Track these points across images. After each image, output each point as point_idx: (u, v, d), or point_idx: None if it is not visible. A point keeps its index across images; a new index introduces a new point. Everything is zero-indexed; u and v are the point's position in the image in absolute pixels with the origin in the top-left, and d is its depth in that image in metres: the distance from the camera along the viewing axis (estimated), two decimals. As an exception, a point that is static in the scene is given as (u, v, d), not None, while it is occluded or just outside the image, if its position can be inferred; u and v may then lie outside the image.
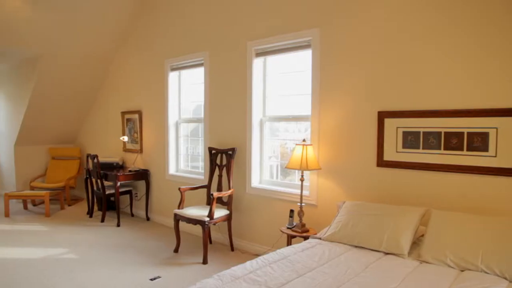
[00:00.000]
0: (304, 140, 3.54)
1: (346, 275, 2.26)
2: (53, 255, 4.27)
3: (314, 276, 2.24)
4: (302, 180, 3.56)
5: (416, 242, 2.76)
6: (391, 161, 3.26)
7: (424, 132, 3.08)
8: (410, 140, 3.16)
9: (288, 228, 3.66)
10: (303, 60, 4.01)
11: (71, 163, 7.25)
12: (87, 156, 5.82)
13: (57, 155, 7.36)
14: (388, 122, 3.27)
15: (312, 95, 3.74)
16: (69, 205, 6.79)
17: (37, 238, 4.89)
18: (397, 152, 3.23)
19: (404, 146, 3.20)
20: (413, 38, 3.09)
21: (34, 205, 6.79)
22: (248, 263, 2.41)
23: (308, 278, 2.21)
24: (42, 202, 6.83)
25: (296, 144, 3.56)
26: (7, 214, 6.01)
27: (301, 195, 3.59)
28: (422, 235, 2.77)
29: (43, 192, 6.08)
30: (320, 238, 3.02)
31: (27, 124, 6.75)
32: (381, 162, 3.32)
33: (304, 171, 3.56)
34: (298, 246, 2.80)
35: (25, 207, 6.54)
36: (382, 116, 3.30)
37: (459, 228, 2.52)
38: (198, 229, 4.82)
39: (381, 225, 2.77)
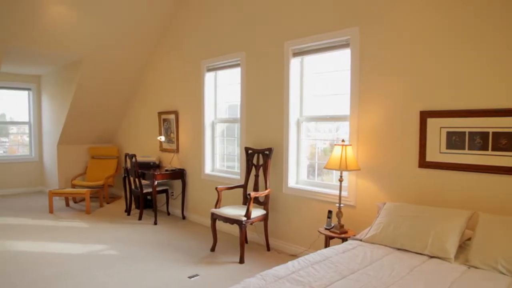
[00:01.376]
0: (343, 141, 3.50)
1: (391, 277, 2.22)
2: (95, 251, 4.42)
3: (357, 278, 2.21)
4: (341, 180, 3.52)
5: (462, 246, 2.67)
6: (434, 162, 3.17)
7: (470, 132, 2.97)
8: (455, 140, 3.06)
9: (326, 229, 3.62)
10: (340, 59, 3.96)
11: (110, 162, 7.48)
12: (126, 156, 5.98)
13: (96, 154, 7.61)
14: (431, 122, 3.18)
15: (351, 95, 3.69)
16: (108, 203, 7.00)
17: (79, 234, 5.07)
18: (440, 153, 3.14)
19: (448, 147, 3.10)
20: (457, 36, 2.99)
21: (75, 202, 7.05)
22: (290, 263, 2.41)
23: (352, 280, 2.19)
24: (82, 200, 7.08)
25: (335, 144, 3.53)
26: (51, 211, 6.28)
27: (340, 196, 3.55)
28: (469, 239, 2.68)
29: (84, 190, 6.30)
30: (360, 240, 2.98)
31: (69, 124, 7.02)
32: (423, 163, 3.23)
33: (342, 172, 3.51)
34: (339, 248, 2.77)
35: (67, 204, 6.80)
36: (424, 116, 3.21)
37: (511, 233, 2.41)
38: (234, 229, 4.86)
39: (425, 228, 2.70)
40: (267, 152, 4.40)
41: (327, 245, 3.63)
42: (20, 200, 7.34)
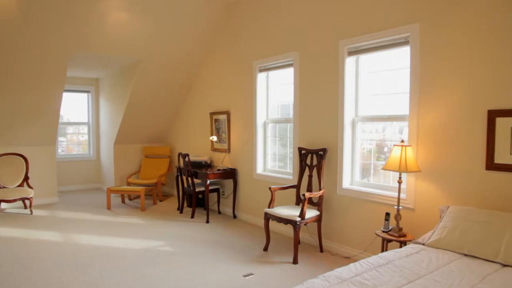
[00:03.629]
0: (402, 141, 3.39)
1: (461, 285, 2.12)
2: (152, 246, 4.58)
3: (425, 283, 2.13)
4: (400, 182, 3.41)
5: (538, 255, 2.49)
6: (504, 164, 2.99)
7: (545, 133, 2.78)
8: (527, 141, 2.87)
9: (383, 231, 3.53)
10: (398, 57, 3.85)
11: (162, 161, 7.73)
12: (179, 155, 6.15)
13: (149, 153, 7.89)
14: (500, 121, 3.00)
15: (411, 94, 3.57)
16: (161, 201, 7.23)
17: (136, 230, 5.27)
18: (511, 154, 2.96)
19: (519, 148, 2.92)
20: (533, 29, 2.81)
21: (130, 199, 7.34)
22: (352, 265, 2.37)
23: (419, 285, 2.11)
24: (137, 197, 7.37)
25: (394, 145, 3.42)
26: (108, 207, 6.59)
27: (398, 198, 3.44)
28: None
29: (139, 188, 6.55)
30: (423, 244, 2.87)
31: (124, 125, 7.34)
32: (491, 165, 3.06)
33: (396, 173, 3.40)
34: (402, 251, 2.69)
35: (123, 201, 7.10)
36: (493, 115, 3.04)
37: None
38: (286, 229, 4.86)
39: (496, 234, 2.55)
40: (321, 153, 4.36)
41: (383, 248, 3.54)
42: (80, 196, 7.76)
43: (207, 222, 5.64)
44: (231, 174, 5.82)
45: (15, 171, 6.49)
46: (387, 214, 3.56)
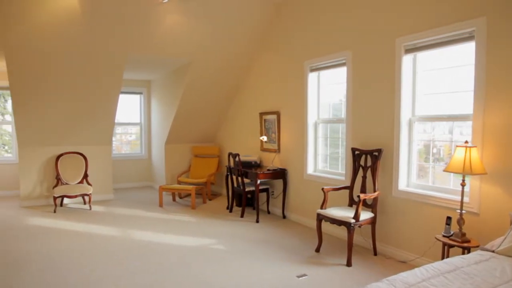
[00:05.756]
0: (466, 142, 3.23)
1: (541, 296, 1.98)
2: (204, 244, 4.67)
3: (499, 293, 2.01)
4: (463, 185, 3.25)
5: None
6: None
7: None
8: None
9: (444, 236, 3.38)
10: (458, 54, 3.67)
11: (211, 161, 7.86)
12: (229, 155, 6.22)
13: (199, 153, 8.05)
14: None
15: (476, 92, 3.38)
16: (210, 200, 7.36)
17: (188, 228, 5.40)
18: None
19: None
20: None
21: (180, 197, 7.54)
22: (417, 270, 2.28)
23: (493, 294, 2.00)
24: (187, 196, 7.55)
25: (457, 146, 3.27)
26: (160, 204, 6.80)
27: (462, 202, 3.28)
28: None
29: (190, 187, 6.71)
30: (492, 251, 2.71)
31: (175, 125, 7.54)
32: None
33: (465, 176, 3.24)
34: (469, 258, 2.55)
35: (173, 199, 7.30)
36: None
37: None
38: (337, 230, 4.79)
39: None
40: (376, 153, 4.25)
41: (444, 253, 3.39)
42: (133, 194, 8.07)
43: (257, 221, 5.67)
44: (281, 174, 5.81)
45: (76, 168, 6.87)
46: (449, 218, 3.41)
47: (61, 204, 6.72)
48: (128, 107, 8.99)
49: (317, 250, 4.37)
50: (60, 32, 5.24)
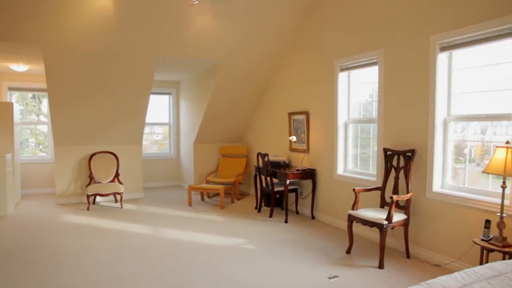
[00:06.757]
0: (507, 142, 3.12)
1: None
2: (234, 244, 4.69)
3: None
4: (504, 187, 3.14)
5: None
6: None
7: None
8: None
9: (483, 240, 3.27)
10: (497, 50, 3.54)
11: (239, 161, 7.90)
12: (258, 155, 6.23)
13: (227, 153, 8.10)
14: None
15: (517, 90, 3.27)
16: (238, 199, 7.39)
17: (217, 227, 5.44)
18: None
19: None
20: None
21: (209, 197, 7.60)
22: (457, 275, 2.22)
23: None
24: (215, 195, 7.61)
25: (497, 147, 3.16)
26: (190, 204, 6.88)
27: (502, 204, 3.17)
28: None
29: (218, 186, 6.76)
30: (536, 256, 2.60)
31: (204, 125, 7.63)
32: None
33: (506, 178, 3.13)
34: (513, 263, 2.46)
35: (202, 198, 7.37)
36: None
37: None
38: (368, 232, 4.73)
39: None
40: (409, 154, 4.16)
41: (483, 258, 3.28)
42: (162, 193, 8.21)
43: (286, 222, 5.66)
44: (310, 174, 5.78)
45: (108, 168, 7.04)
46: (488, 222, 3.30)
47: (94, 202, 6.91)
48: (157, 108, 9.14)
49: (348, 251, 4.32)
50: (95, 34, 5.40)
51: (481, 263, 3.26)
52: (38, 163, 8.14)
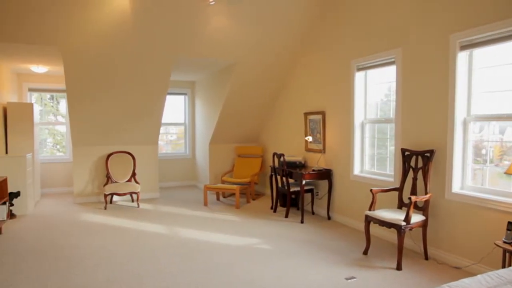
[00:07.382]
0: (530, 142, 3.05)
1: None
2: (250, 244, 4.69)
3: None
4: (526, 188, 3.07)
5: None
6: None
7: None
8: None
9: (505, 242, 3.21)
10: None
11: (255, 161, 7.90)
12: (273, 155, 6.23)
13: (242, 153, 8.12)
14: None
15: (540, 90, 3.19)
16: (253, 199, 7.40)
17: (233, 227, 5.45)
18: None
19: None
20: None
21: (224, 197, 7.63)
22: (480, 277, 2.18)
23: None
24: (230, 195, 7.63)
25: (520, 147, 3.09)
26: (205, 203, 6.92)
27: (525, 206, 3.10)
28: None
29: (234, 186, 6.78)
30: (561, 259, 2.54)
31: (220, 125, 7.66)
32: None
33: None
34: (537, 266, 2.40)
35: (217, 198, 7.40)
36: None
37: None
38: (386, 233, 4.68)
39: None
40: (427, 154, 4.10)
41: (505, 260, 3.21)
42: (177, 193, 8.26)
43: (302, 222, 5.64)
44: (326, 174, 5.75)
45: (125, 167, 7.13)
46: (510, 224, 3.22)
47: (111, 202, 7.00)
48: (173, 108, 9.22)
49: (365, 252, 4.28)
50: (112, 36, 5.47)
51: (503, 266, 3.19)
52: (56, 162, 8.29)
